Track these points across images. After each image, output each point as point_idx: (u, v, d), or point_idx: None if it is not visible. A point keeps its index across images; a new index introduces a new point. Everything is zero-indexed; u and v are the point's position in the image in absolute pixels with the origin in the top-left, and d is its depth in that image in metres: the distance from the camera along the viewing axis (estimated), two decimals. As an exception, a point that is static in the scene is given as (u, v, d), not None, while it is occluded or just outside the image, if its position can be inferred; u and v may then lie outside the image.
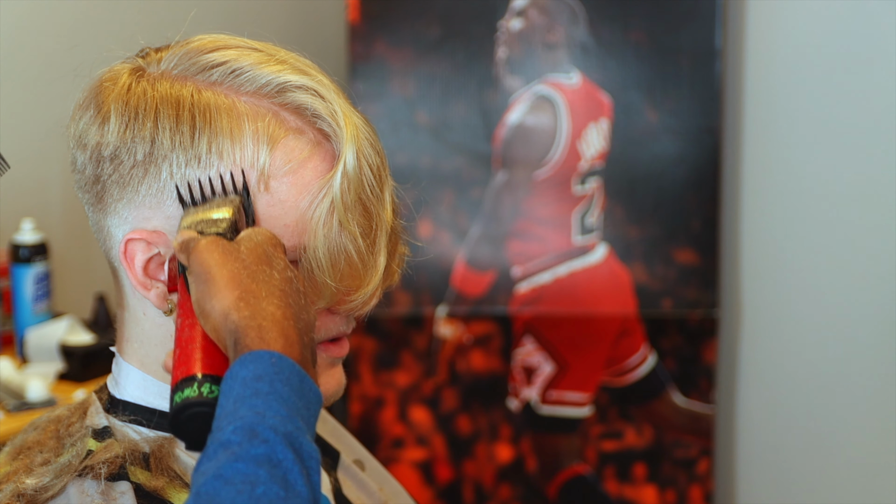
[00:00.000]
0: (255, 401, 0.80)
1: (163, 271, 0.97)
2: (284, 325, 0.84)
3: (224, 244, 0.88)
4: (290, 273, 0.89)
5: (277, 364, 0.82)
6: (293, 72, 0.98)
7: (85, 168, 0.99)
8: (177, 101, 0.96)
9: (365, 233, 0.97)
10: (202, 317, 0.86)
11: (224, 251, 0.87)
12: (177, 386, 0.86)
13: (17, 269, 2.19)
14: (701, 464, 2.50)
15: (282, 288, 0.87)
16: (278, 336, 0.84)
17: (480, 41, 2.45)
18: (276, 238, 0.91)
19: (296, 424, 0.80)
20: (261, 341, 0.83)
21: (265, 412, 0.79)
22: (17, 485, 0.94)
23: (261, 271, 0.87)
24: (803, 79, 2.45)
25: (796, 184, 2.49)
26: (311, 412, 0.83)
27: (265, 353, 0.82)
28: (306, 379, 0.83)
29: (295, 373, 0.82)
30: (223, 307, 0.85)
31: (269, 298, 0.85)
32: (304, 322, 0.87)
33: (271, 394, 0.80)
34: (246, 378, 0.81)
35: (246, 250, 0.88)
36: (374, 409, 2.52)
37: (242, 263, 0.87)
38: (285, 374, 0.82)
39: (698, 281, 2.46)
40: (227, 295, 0.85)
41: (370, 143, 0.98)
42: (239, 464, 0.77)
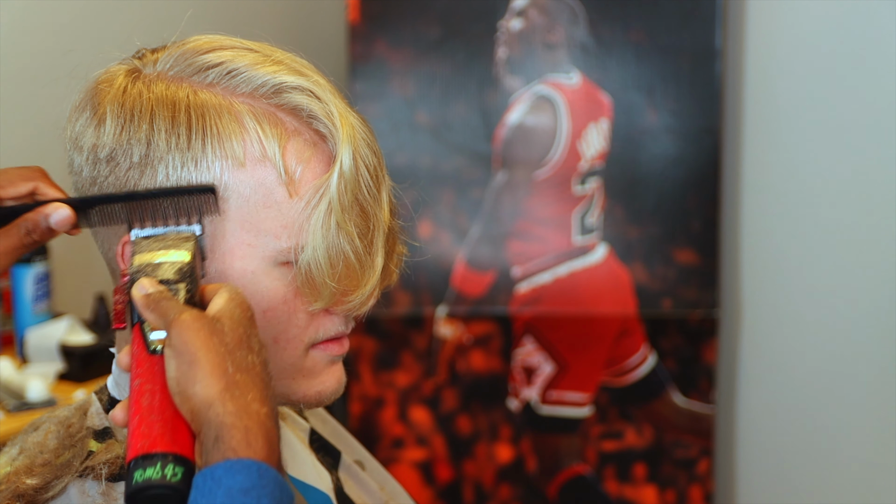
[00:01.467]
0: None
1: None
2: (268, 426, 0.83)
3: (209, 323, 0.84)
4: (263, 354, 0.87)
5: (264, 476, 0.81)
6: (289, 72, 0.98)
7: (81, 170, 0.99)
8: (173, 103, 0.96)
9: (362, 233, 0.97)
10: (180, 397, 0.83)
11: (210, 332, 0.84)
12: (136, 462, 0.82)
13: (17, 269, 2.19)
14: (701, 464, 2.50)
15: (262, 377, 0.85)
16: (264, 442, 0.82)
17: (480, 41, 2.45)
18: (251, 309, 0.88)
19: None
20: (247, 446, 0.81)
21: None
22: (18, 485, 0.94)
23: (242, 358, 0.84)
24: (803, 79, 2.45)
25: (796, 184, 2.49)
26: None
27: (253, 463, 0.80)
28: (285, 487, 0.82)
29: (278, 485, 0.81)
30: (207, 396, 0.82)
31: (254, 392, 0.83)
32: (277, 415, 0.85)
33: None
34: (232, 489, 0.79)
35: (229, 331, 0.85)
36: (374, 409, 2.52)
37: (227, 348, 0.84)
38: (270, 488, 0.80)
39: (698, 281, 2.46)
40: (212, 384, 0.82)
41: (367, 144, 0.98)
42: None
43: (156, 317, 0.86)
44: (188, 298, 0.88)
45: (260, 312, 0.97)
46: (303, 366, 1.00)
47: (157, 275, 0.88)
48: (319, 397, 1.01)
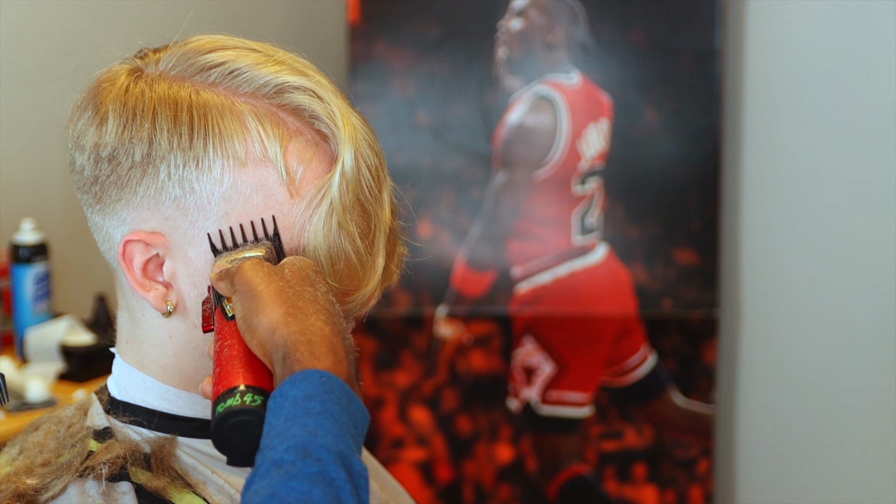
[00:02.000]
0: (307, 420, 0.80)
1: (161, 273, 0.97)
2: (333, 341, 0.85)
3: (268, 265, 0.89)
4: (331, 296, 0.90)
5: (328, 383, 0.82)
6: (291, 72, 0.98)
7: (83, 169, 0.99)
8: (175, 102, 0.96)
9: (363, 234, 0.97)
10: (248, 332, 0.86)
11: (269, 270, 0.88)
12: (218, 398, 0.85)
13: (17, 269, 2.19)
14: (701, 464, 2.50)
15: (326, 307, 0.88)
16: (328, 352, 0.84)
17: (480, 41, 2.45)
18: (316, 265, 0.92)
19: (346, 443, 0.81)
20: (311, 356, 0.83)
21: (317, 431, 0.79)
22: (18, 485, 0.94)
23: (305, 291, 0.88)
24: (803, 79, 2.45)
25: (796, 184, 2.49)
26: (359, 431, 0.84)
27: (315, 372, 0.82)
28: (354, 398, 0.84)
29: (344, 393, 0.83)
30: (271, 322, 0.85)
31: (316, 315, 0.86)
32: (349, 342, 0.88)
33: (323, 413, 0.80)
34: (297, 397, 0.81)
35: (290, 272, 0.89)
36: (374, 409, 2.52)
37: (287, 282, 0.88)
38: (335, 394, 0.82)
39: (698, 281, 2.46)
40: (274, 310, 0.85)
41: (368, 144, 0.98)
42: (293, 482, 0.77)
43: (226, 283, 0.90)
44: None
45: (261, 312, 0.97)
46: (303, 366, 1.00)
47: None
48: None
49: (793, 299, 2.52)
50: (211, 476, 0.99)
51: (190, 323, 0.98)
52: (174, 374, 1.00)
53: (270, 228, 0.95)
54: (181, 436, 1.00)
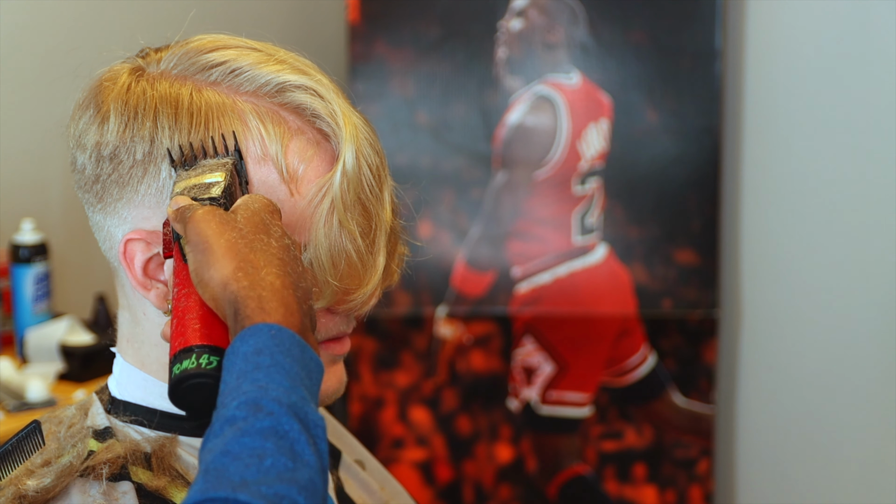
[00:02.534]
0: (257, 374, 0.80)
1: (163, 272, 0.97)
2: (284, 293, 0.84)
3: (221, 213, 0.88)
4: (287, 240, 0.88)
5: (277, 336, 0.82)
6: (292, 71, 0.98)
7: (84, 168, 0.99)
8: (176, 101, 0.96)
9: (364, 232, 0.97)
10: (200, 286, 0.86)
11: (221, 220, 0.87)
12: (175, 357, 0.85)
13: (17, 269, 2.19)
14: (701, 464, 2.50)
15: (280, 256, 0.86)
16: (278, 306, 0.83)
17: (480, 41, 2.45)
18: (273, 204, 0.90)
19: (300, 394, 0.80)
20: (261, 311, 0.82)
21: (268, 385, 0.79)
22: (19, 486, 0.94)
23: (258, 240, 0.86)
24: (803, 79, 2.45)
25: (796, 184, 2.49)
26: (314, 381, 0.83)
27: (264, 325, 0.82)
28: (307, 349, 0.83)
29: (296, 343, 0.82)
30: (221, 276, 0.84)
31: (267, 268, 0.85)
32: (303, 290, 0.87)
33: (273, 366, 0.80)
34: (247, 353, 0.81)
35: (243, 219, 0.88)
36: (374, 409, 2.52)
37: (240, 233, 0.86)
38: (286, 346, 0.81)
39: (698, 281, 2.46)
40: (225, 264, 0.85)
41: (369, 143, 0.98)
42: (245, 438, 0.77)
43: (181, 225, 0.89)
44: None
45: (262, 311, 0.97)
46: (304, 365, 1.00)
47: (191, 194, 0.91)
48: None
49: (793, 299, 2.52)
50: (212, 475, 0.99)
51: (191, 322, 0.98)
52: (175, 373, 1.00)
53: (231, 144, 0.94)
54: (182, 435, 1.00)
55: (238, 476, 0.75)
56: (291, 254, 0.88)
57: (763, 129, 2.51)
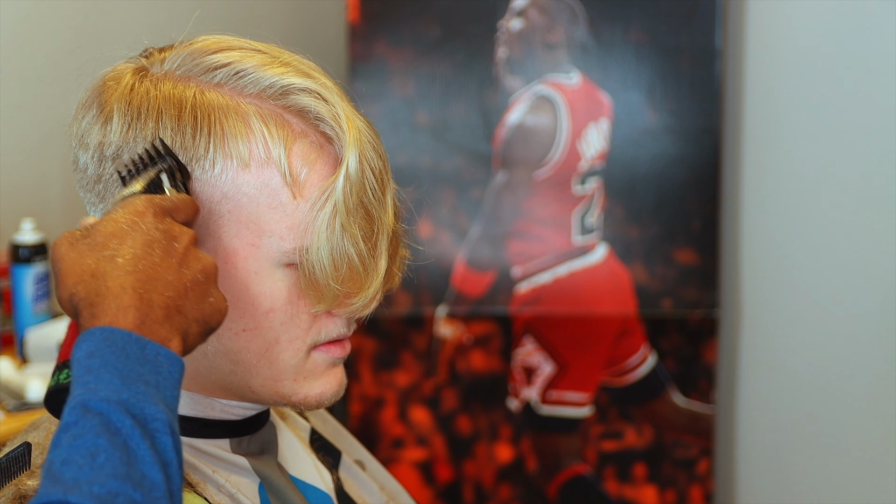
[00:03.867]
0: (88, 378, 0.79)
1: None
2: (120, 296, 0.83)
3: (71, 236, 0.87)
4: (156, 233, 0.87)
5: (109, 337, 0.81)
6: (297, 74, 0.98)
7: (87, 167, 0.99)
8: (179, 102, 0.96)
9: (366, 236, 0.97)
10: (60, 306, 0.87)
11: (70, 241, 0.87)
12: (57, 367, 0.90)
13: (17, 269, 2.19)
14: (701, 464, 2.50)
15: (134, 253, 0.85)
16: (108, 307, 0.82)
17: (480, 41, 2.45)
18: (147, 204, 0.89)
19: (134, 390, 0.79)
20: (92, 317, 0.82)
21: (97, 387, 0.79)
22: (19, 486, 0.94)
23: (108, 247, 0.85)
24: (803, 79, 2.45)
25: (796, 184, 2.49)
26: (163, 374, 0.82)
27: (96, 329, 0.81)
28: (148, 344, 0.82)
29: (131, 341, 0.81)
30: (66, 294, 0.85)
31: (108, 274, 0.84)
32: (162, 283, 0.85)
33: (103, 367, 0.80)
34: (80, 358, 0.81)
35: (96, 230, 0.87)
36: (374, 409, 2.52)
37: (88, 246, 0.86)
38: (119, 345, 0.81)
39: (698, 281, 2.46)
40: (67, 281, 0.85)
41: (373, 147, 0.98)
42: (78, 441, 0.77)
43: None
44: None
45: (263, 313, 0.97)
46: (304, 367, 1.00)
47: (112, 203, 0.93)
48: (320, 399, 1.02)
49: (793, 299, 2.52)
50: (211, 475, 0.99)
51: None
52: (175, 373, 1.00)
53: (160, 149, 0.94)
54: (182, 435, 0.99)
55: (72, 479, 0.75)
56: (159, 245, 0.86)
57: (763, 129, 2.51)
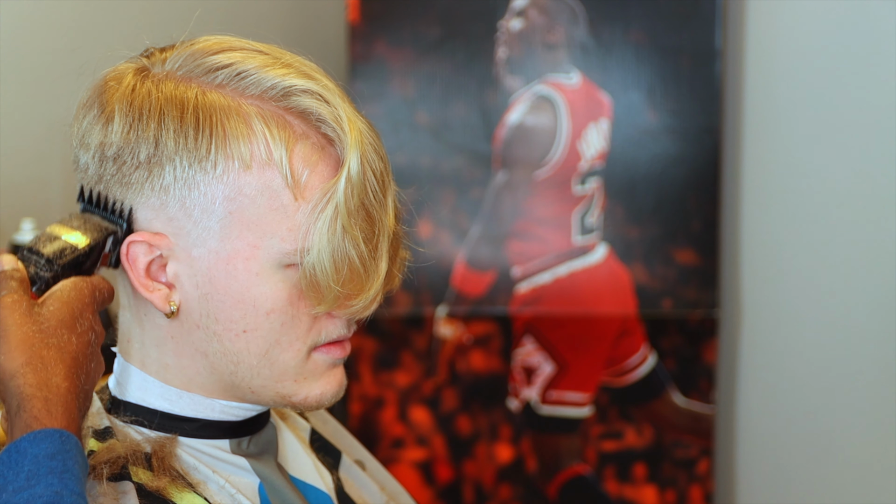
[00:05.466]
0: (52, 479, 0.83)
1: (165, 274, 0.97)
2: (68, 399, 0.87)
3: (26, 306, 0.89)
4: (91, 336, 0.91)
5: (67, 442, 0.84)
6: (298, 76, 0.98)
7: (87, 167, 0.99)
8: (181, 103, 0.96)
9: (367, 238, 0.97)
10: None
11: (24, 313, 0.89)
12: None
13: (17, 269, 2.18)
14: (701, 464, 2.50)
15: (74, 356, 0.89)
16: (64, 411, 0.86)
17: (480, 41, 2.45)
18: (92, 294, 0.93)
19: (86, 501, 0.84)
20: (48, 414, 0.85)
21: (62, 491, 0.82)
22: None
23: (57, 335, 0.89)
24: (803, 79, 2.45)
25: (796, 184, 2.49)
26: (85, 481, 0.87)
27: (55, 431, 0.84)
28: (83, 453, 0.86)
29: (79, 451, 0.85)
30: (10, 368, 0.86)
31: (56, 367, 0.87)
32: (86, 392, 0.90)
33: (65, 472, 0.83)
34: (38, 455, 0.83)
35: (49, 312, 0.90)
36: (374, 409, 2.52)
37: (39, 327, 0.88)
38: (73, 452, 0.84)
39: (698, 281, 2.46)
40: (15, 357, 0.87)
41: (374, 149, 0.98)
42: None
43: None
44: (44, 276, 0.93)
45: (263, 314, 0.97)
46: (304, 368, 1.00)
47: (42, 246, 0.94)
48: (320, 400, 1.02)
49: (793, 299, 2.52)
50: (212, 476, 0.99)
51: (193, 324, 0.98)
52: (175, 374, 1.00)
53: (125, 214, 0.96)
54: (182, 436, 1.00)
55: None
56: (90, 350, 0.91)
57: (763, 129, 2.51)
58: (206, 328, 0.98)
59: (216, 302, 0.97)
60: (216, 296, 0.97)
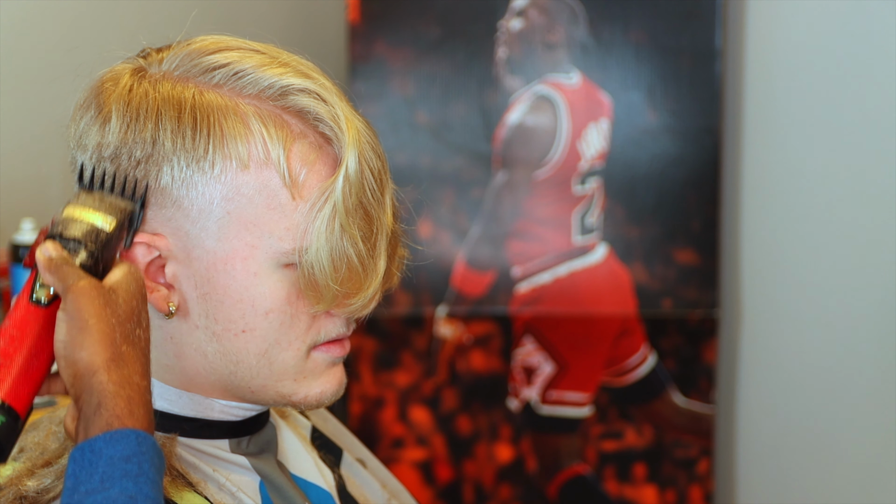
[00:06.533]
0: (126, 483, 0.81)
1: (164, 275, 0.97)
2: (147, 398, 0.86)
3: (105, 294, 0.87)
4: (149, 332, 0.90)
5: (143, 443, 0.83)
6: (296, 75, 0.98)
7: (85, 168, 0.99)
8: (178, 103, 0.96)
9: (366, 237, 0.97)
10: (65, 360, 0.86)
11: (104, 302, 0.87)
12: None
13: (17, 269, 2.18)
14: (701, 464, 2.50)
15: (145, 353, 0.88)
16: (145, 411, 0.85)
17: (480, 41, 2.45)
18: (144, 287, 0.91)
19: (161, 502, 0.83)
20: (130, 414, 0.84)
21: (136, 496, 0.81)
22: (19, 487, 0.94)
23: (131, 331, 0.87)
24: (803, 79, 2.45)
25: (796, 184, 2.49)
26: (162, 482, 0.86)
27: (131, 432, 0.83)
28: (162, 455, 0.85)
29: (157, 452, 0.84)
30: (92, 364, 0.85)
31: (135, 364, 0.86)
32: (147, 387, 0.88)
33: (140, 475, 0.82)
34: (113, 457, 0.82)
35: (122, 303, 0.88)
36: (374, 409, 2.52)
37: (118, 319, 0.87)
38: (149, 454, 0.83)
39: (698, 281, 2.46)
40: (99, 352, 0.85)
41: (371, 147, 0.98)
42: None
43: (55, 279, 0.88)
44: (87, 263, 0.89)
45: (262, 314, 0.97)
46: (304, 367, 1.00)
47: (70, 230, 0.90)
48: (320, 399, 1.02)
49: (793, 299, 2.52)
50: (212, 474, 0.99)
51: (192, 324, 0.98)
52: (175, 374, 1.00)
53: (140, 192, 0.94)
54: (182, 435, 1.00)
55: None
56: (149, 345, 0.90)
57: (763, 129, 2.51)
58: (205, 328, 0.98)
59: (215, 302, 0.97)
60: (215, 296, 0.97)
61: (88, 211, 0.91)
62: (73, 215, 0.91)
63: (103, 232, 0.90)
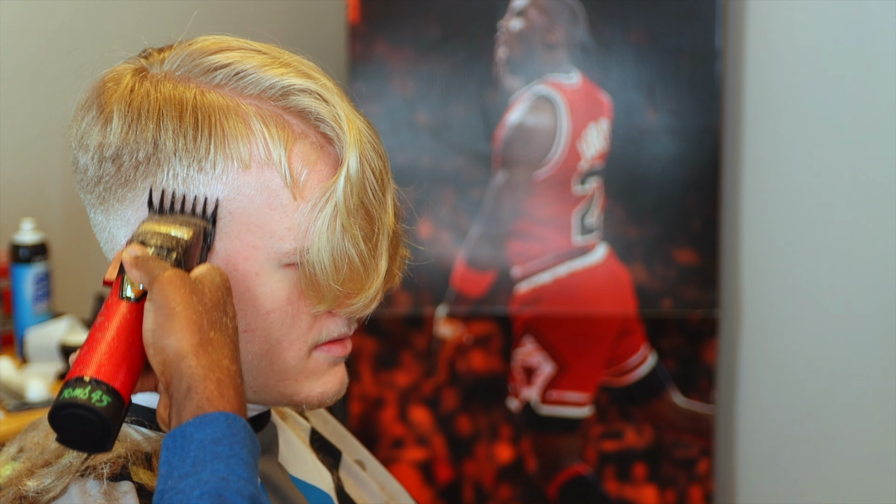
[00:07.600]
0: (218, 465, 0.82)
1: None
2: (237, 382, 0.86)
3: (191, 282, 0.89)
4: (236, 321, 0.91)
5: (234, 425, 0.84)
6: (297, 75, 0.98)
7: (87, 169, 0.99)
8: (180, 103, 0.96)
9: (367, 237, 0.97)
10: (154, 348, 0.87)
11: (190, 290, 0.88)
12: (69, 382, 0.86)
13: (17, 269, 2.19)
14: (701, 464, 2.50)
15: (233, 338, 0.89)
16: (235, 393, 0.85)
17: (480, 41, 2.45)
18: (228, 281, 0.92)
19: (256, 485, 0.83)
20: (220, 397, 0.84)
21: (229, 477, 0.81)
22: (19, 486, 0.94)
23: (218, 319, 0.88)
24: (803, 79, 2.45)
25: (796, 184, 2.49)
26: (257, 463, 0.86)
27: (220, 415, 0.84)
28: (254, 436, 0.85)
29: (248, 433, 0.84)
30: (181, 349, 0.86)
31: (223, 350, 0.87)
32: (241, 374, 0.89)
33: (232, 457, 0.82)
34: (204, 441, 0.82)
35: (208, 292, 0.89)
36: (374, 409, 2.52)
37: (205, 307, 0.88)
38: (241, 436, 0.84)
39: (698, 281, 2.46)
40: (187, 337, 0.86)
41: (373, 148, 0.98)
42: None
43: (141, 273, 0.89)
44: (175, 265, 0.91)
45: (264, 314, 0.97)
46: (305, 367, 1.00)
47: (152, 242, 0.91)
48: (322, 398, 1.02)
49: (793, 299, 2.52)
50: (212, 474, 0.99)
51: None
52: (176, 374, 1.00)
53: (210, 209, 0.95)
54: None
55: None
56: (237, 334, 0.90)
57: (763, 129, 2.51)
58: (207, 328, 0.98)
59: (216, 302, 0.97)
60: (216, 296, 0.97)
61: (164, 225, 0.93)
62: (151, 229, 0.92)
63: (183, 240, 0.92)
